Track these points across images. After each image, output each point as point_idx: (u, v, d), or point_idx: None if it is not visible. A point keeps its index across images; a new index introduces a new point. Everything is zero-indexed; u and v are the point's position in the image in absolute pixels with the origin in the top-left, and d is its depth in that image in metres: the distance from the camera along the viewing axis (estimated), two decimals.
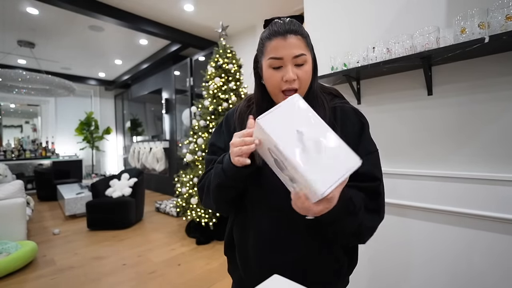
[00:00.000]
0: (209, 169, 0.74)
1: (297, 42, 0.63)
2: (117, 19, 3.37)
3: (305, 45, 0.65)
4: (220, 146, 0.78)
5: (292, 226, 0.66)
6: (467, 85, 1.15)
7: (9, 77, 3.75)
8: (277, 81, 0.65)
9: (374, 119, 1.41)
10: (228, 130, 0.78)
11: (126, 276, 2.18)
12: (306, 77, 0.66)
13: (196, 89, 4.61)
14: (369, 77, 1.44)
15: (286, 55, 0.63)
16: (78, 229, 3.39)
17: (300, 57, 0.63)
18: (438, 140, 1.23)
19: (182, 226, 3.35)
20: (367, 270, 1.44)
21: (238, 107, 0.78)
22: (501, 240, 1.06)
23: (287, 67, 0.64)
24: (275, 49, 0.64)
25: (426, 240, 1.25)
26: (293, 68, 0.64)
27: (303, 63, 0.64)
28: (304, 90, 0.67)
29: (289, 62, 0.64)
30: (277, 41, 0.64)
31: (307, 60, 0.65)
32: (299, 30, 0.64)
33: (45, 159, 6.05)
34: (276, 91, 0.67)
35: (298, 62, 0.64)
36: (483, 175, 1.09)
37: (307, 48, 0.65)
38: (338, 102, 0.72)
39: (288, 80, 0.64)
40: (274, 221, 0.67)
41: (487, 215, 1.08)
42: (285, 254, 0.68)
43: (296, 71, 0.64)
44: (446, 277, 1.19)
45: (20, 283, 2.09)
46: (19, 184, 2.87)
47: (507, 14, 0.92)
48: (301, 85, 0.66)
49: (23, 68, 5.42)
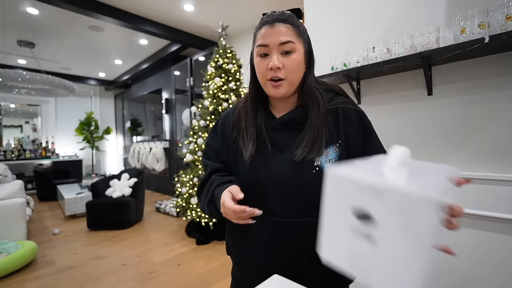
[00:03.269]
0: (206, 177, 0.75)
1: (284, 30, 0.63)
2: (117, 19, 3.37)
3: (294, 34, 0.64)
4: (214, 148, 0.78)
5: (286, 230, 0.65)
6: (467, 85, 1.15)
7: (9, 77, 3.75)
8: (263, 69, 0.64)
9: (374, 119, 1.40)
10: (223, 132, 0.76)
11: (126, 276, 2.18)
12: (294, 67, 0.63)
13: (196, 89, 4.60)
14: (369, 77, 1.44)
15: (271, 42, 0.63)
16: (78, 229, 3.39)
17: (286, 44, 0.62)
18: (438, 140, 1.23)
19: (182, 226, 3.35)
20: None
21: (236, 106, 0.77)
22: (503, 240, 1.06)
23: (273, 55, 0.63)
24: (263, 36, 0.64)
25: None
26: (279, 56, 0.63)
27: (290, 50, 0.63)
28: (292, 81, 0.65)
29: (275, 50, 0.63)
30: (265, 29, 0.64)
31: (296, 49, 0.63)
32: (288, 19, 0.64)
33: (45, 159, 6.05)
34: (263, 80, 0.66)
35: (285, 49, 0.63)
36: (485, 175, 1.09)
37: (297, 38, 0.64)
38: (340, 101, 0.69)
39: (273, 68, 0.62)
40: (269, 224, 0.66)
41: (487, 215, 1.08)
42: (279, 256, 0.66)
43: (282, 60, 0.63)
44: (448, 277, 1.19)
45: (20, 283, 2.09)
46: (19, 184, 2.87)
47: (507, 14, 0.92)
48: (288, 75, 0.64)
49: (23, 68, 5.41)
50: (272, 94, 0.66)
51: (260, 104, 0.73)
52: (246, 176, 0.69)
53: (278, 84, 0.64)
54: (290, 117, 0.69)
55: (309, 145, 0.63)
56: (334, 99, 0.70)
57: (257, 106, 0.72)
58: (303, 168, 0.64)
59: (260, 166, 0.67)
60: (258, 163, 0.67)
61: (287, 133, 0.68)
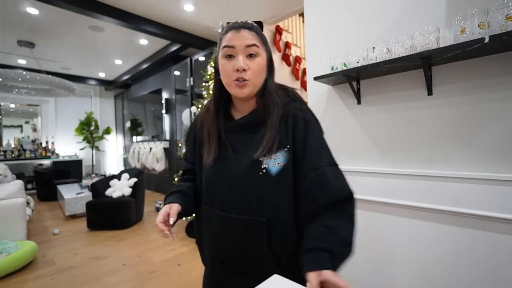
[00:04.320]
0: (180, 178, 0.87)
1: (249, 35, 0.67)
2: (117, 19, 3.37)
3: (258, 40, 0.68)
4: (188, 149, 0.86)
5: (233, 225, 0.70)
6: (467, 85, 1.15)
7: (9, 77, 3.75)
8: (229, 70, 0.67)
9: (374, 119, 1.41)
10: (195, 134, 0.83)
11: (126, 276, 2.18)
12: (258, 69, 0.68)
13: (196, 89, 4.60)
14: (369, 77, 1.44)
15: (238, 44, 0.66)
16: (78, 229, 3.39)
17: (252, 47, 0.67)
18: (438, 140, 1.23)
19: (182, 226, 3.35)
20: (377, 274, 1.44)
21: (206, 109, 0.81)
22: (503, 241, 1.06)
23: (238, 56, 0.67)
24: (229, 39, 0.68)
25: (427, 241, 1.25)
26: (245, 58, 0.67)
27: (255, 53, 0.67)
28: (255, 83, 0.69)
29: (241, 52, 0.67)
30: (231, 33, 0.68)
31: (260, 53, 0.68)
32: (253, 28, 0.69)
33: (45, 159, 6.05)
34: (229, 80, 0.68)
35: (250, 51, 0.67)
36: (485, 175, 1.09)
37: (261, 44, 0.69)
38: (294, 108, 0.71)
39: (239, 69, 0.66)
40: (220, 219, 0.72)
41: (488, 215, 1.08)
42: (228, 248, 0.72)
43: (247, 62, 0.67)
44: (449, 278, 1.19)
45: (20, 283, 2.09)
46: (19, 184, 2.87)
47: (507, 14, 0.92)
48: (253, 77, 0.67)
49: (23, 68, 5.41)
50: (236, 94, 0.69)
51: (221, 108, 0.77)
52: (205, 175, 0.76)
53: (243, 84, 0.67)
54: (246, 120, 0.73)
55: (267, 147, 0.67)
56: (289, 105, 0.73)
57: (219, 109, 0.77)
58: (252, 170, 0.68)
59: (217, 167, 0.73)
60: (216, 164, 0.73)
61: (243, 135, 0.73)
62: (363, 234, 1.45)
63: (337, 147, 1.55)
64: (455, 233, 1.17)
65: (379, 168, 1.39)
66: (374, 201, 1.39)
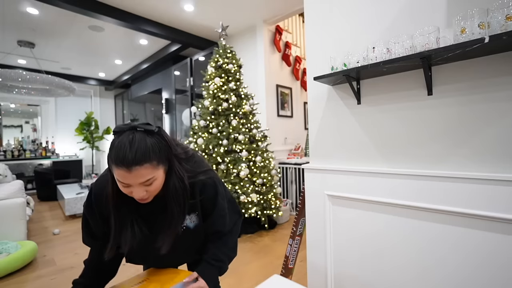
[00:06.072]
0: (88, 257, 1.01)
1: (143, 172, 0.63)
2: (117, 19, 3.37)
3: (153, 168, 0.65)
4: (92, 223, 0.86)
5: None
6: (467, 85, 1.15)
7: (9, 77, 3.75)
8: (128, 193, 0.68)
9: (374, 119, 1.41)
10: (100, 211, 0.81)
11: (126, 276, 2.18)
12: (157, 188, 0.70)
13: (196, 89, 4.60)
14: (369, 77, 1.44)
15: (133, 183, 0.64)
16: (78, 229, 3.39)
17: (148, 181, 0.66)
18: (438, 140, 1.23)
19: None
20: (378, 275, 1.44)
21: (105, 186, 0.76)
22: (503, 241, 1.06)
23: (135, 188, 0.66)
24: (122, 177, 0.63)
25: (426, 241, 1.25)
26: (142, 188, 0.66)
27: (152, 182, 0.67)
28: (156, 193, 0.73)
29: (136, 186, 0.66)
30: (123, 171, 0.62)
31: (157, 177, 0.67)
32: (143, 159, 0.62)
33: (45, 159, 6.05)
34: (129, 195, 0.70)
35: (147, 184, 0.66)
36: (485, 175, 1.09)
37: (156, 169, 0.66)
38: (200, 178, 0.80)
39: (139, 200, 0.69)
40: None
41: (489, 215, 1.08)
42: None
43: (145, 188, 0.67)
44: (456, 280, 1.19)
45: (20, 283, 2.09)
46: (19, 184, 2.87)
47: (507, 14, 0.92)
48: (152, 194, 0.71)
49: (23, 68, 5.42)
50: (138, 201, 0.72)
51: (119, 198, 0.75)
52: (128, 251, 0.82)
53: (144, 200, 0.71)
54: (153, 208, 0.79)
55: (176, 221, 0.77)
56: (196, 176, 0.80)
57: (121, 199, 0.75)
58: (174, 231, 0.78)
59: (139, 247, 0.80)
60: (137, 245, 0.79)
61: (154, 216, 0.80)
62: (362, 234, 1.44)
63: (337, 147, 1.56)
64: (455, 233, 1.17)
65: (379, 168, 1.39)
66: (374, 201, 1.39)
